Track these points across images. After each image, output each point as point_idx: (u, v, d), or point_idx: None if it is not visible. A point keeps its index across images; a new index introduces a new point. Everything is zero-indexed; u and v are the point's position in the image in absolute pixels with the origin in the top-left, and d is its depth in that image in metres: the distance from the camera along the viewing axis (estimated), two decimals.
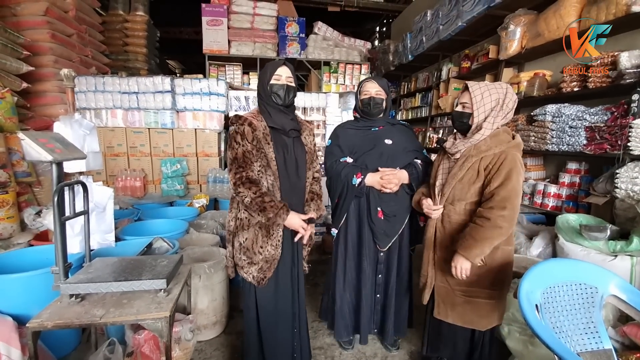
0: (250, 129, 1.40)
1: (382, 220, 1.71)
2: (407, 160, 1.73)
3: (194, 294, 1.89)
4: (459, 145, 1.49)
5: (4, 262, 1.81)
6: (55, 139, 1.41)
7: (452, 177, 1.48)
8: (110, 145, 3.68)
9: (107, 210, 2.00)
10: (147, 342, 1.49)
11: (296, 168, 1.48)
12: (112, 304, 1.33)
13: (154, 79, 3.66)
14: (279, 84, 1.44)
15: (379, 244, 1.74)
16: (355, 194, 1.70)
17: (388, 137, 1.74)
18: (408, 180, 1.69)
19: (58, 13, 3.54)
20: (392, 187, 1.65)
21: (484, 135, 1.44)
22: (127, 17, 5.42)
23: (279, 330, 1.51)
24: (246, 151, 1.38)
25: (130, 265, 1.50)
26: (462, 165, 1.45)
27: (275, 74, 1.44)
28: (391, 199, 1.70)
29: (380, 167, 1.67)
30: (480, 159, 1.42)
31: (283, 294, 1.51)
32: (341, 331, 1.85)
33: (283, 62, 1.49)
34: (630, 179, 2.14)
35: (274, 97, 1.45)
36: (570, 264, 1.34)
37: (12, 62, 2.94)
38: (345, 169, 1.71)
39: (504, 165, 1.37)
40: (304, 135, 1.56)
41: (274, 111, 1.47)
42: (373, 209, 1.70)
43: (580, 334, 1.18)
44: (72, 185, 1.45)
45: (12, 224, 2.54)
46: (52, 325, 1.21)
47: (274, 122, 1.45)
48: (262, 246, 1.42)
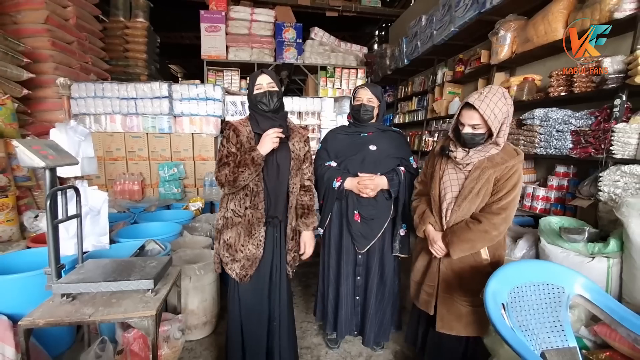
0: (234, 134, 1.51)
1: (359, 223, 1.78)
2: (389, 167, 1.78)
3: (184, 295, 1.95)
4: (473, 156, 1.44)
5: (2, 263, 1.88)
6: (49, 146, 1.48)
7: (471, 191, 1.43)
8: (109, 150, 3.76)
9: (101, 213, 2.07)
10: (136, 341, 1.55)
11: (277, 172, 1.54)
12: (101, 303, 1.39)
13: (152, 85, 3.74)
14: (261, 92, 1.52)
15: (357, 246, 1.81)
16: (336, 197, 1.77)
17: (374, 143, 1.80)
18: (387, 186, 1.74)
19: (58, 21, 3.64)
20: (368, 192, 1.71)
21: (499, 148, 1.43)
22: (127, 23, 5.53)
23: (256, 324, 1.58)
24: (229, 153, 1.49)
25: (121, 267, 1.57)
26: (478, 178, 1.42)
27: (256, 84, 1.52)
28: (369, 203, 1.76)
29: (361, 172, 1.73)
30: (494, 171, 1.41)
31: (261, 291, 1.57)
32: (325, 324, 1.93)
33: (261, 71, 1.56)
34: (613, 182, 2.18)
35: (260, 105, 1.53)
36: (537, 264, 1.39)
37: (12, 69, 3.03)
38: (328, 172, 1.79)
39: (512, 178, 1.40)
40: (293, 142, 1.61)
41: (261, 118, 1.54)
42: (350, 211, 1.78)
43: (547, 333, 1.23)
44: (65, 190, 1.51)
45: (11, 227, 2.61)
46: (43, 323, 1.27)
47: (259, 128, 1.52)
48: (243, 244, 1.50)
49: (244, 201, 1.50)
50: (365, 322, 1.87)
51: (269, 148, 1.45)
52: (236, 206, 1.51)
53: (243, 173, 1.43)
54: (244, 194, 1.50)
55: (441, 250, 1.48)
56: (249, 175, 1.44)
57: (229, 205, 1.54)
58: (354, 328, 1.93)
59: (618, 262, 1.77)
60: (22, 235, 2.67)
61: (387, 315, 1.90)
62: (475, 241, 1.38)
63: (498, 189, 1.40)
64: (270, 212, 1.53)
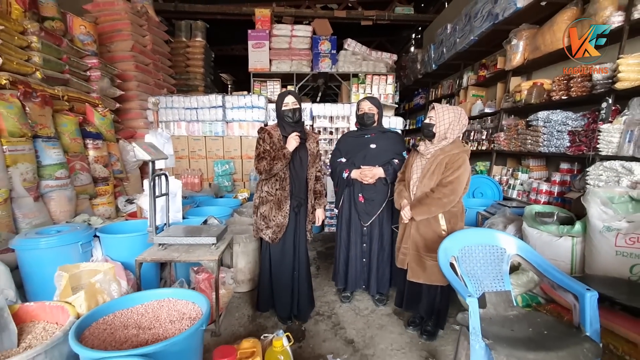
0: (268, 136, 2.10)
1: (363, 203, 2.35)
2: (385, 160, 2.32)
3: (235, 257, 2.62)
4: (430, 148, 2.02)
5: (113, 228, 2.67)
6: (150, 146, 2.21)
7: (427, 171, 1.98)
8: (176, 150, 4.63)
9: (177, 196, 2.81)
10: (203, 281, 2.22)
11: (300, 163, 2.14)
12: (183, 250, 2.09)
13: (209, 97, 4.57)
14: (287, 109, 2.10)
15: (362, 220, 2.37)
16: (346, 184, 2.36)
17: (374, 142, 2.36)
18: (384, 174, 2.29)
19: (140, 48, 4.58)
20: (368, 180, 2.29)
21: (448, 141, 1.98)
22: (188, 42, 6.51)
23: (283, 273, 2.17)
24: (265, 150, 2.07)
25: (194, 230, 2.26)
26: (432, 162, 1.98)
27: (284, 102, 2.10)
28: (370, 188, 2.33)
29: (364, 165, 2.30)
30: (444, 157, 1.96)
31: (287, 250, 2.16)
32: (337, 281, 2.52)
33: (288, 92, 2.14)
34: (597, 176, 2.47)
35: (286, 118, 2.12)
36: (484, 231, 1.82)
37: (109, 88, 3.96)
38: (339, 166, 2.39)
39: (457, 162, 1.92)
40: (309, 143, 2.20)
41: (287, 126, 2.13)
42: (356, 194, 2.37)
43: (491, 280, 1.67)
44: (160, 176, 2.23)
45: (110, 207, 3.50)
46: (150, 259, 1.98)
47: (286, 132, 2.11)
48: (274, 215, 2.09)
49: (274, 185, 2.10)
50: (370, 277, 2.43)
51: (294, 146, 2.04)
52: (270, 188, 2.11)
53: (277, 164, 2.02)
54: (275, 180, 2.09)
55: (407, 215, 1.99)
56: (280, 166, 2.03)
57: (264, 187, 2.14)
58: (363, 283, 2.48)
59: (581, 241, 2.12)
60: (117, 214, 3.55)
61: (386, 274, 2.43)
62: (430, 205, 1.89)
63: (447, 169, 1.92)
64: (295, 192, 2.12)
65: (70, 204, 2.92)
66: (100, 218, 2.96)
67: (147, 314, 1.42)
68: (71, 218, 2.88)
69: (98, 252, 2.47)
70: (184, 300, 1.50)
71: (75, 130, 3.14)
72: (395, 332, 2.18)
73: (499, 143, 3.87)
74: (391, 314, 2.39)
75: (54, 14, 3.48)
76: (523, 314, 1.56)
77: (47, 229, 2.42)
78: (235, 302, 2.55)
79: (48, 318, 1.41)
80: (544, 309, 1.84)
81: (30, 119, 2.67)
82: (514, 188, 3.62)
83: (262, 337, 1.70)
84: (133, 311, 1.42)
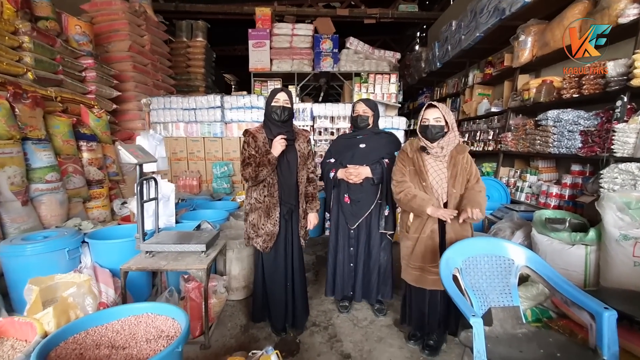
0: (252, 140, 1.96)
1: (349, 205, 2.25)
2: (374, 160, 2.20)
3: (228, 263, 2.51)
4: (445, 150, 1.82)
5: (103, 233, 2.59)
6: (138, 148, 2.12)
7: (454, 173, 1.80)
8: (174, 152, 4.56)
9: (170, 200, 2.71)
10: (193, 290, 2.12)
11: (288, 167, 2.00)
12: (171, 258, 1.98)
13: (208, 97, 4.48)
14: (277, 105, 1.96)
15: (348, 223, 2.26)
16: (333, 185, 2.29)
17: (364, 142, 2.26)
18: (371, 174, 2.16)
19: (138, 48, 4.51)
20: (353, 179, 2.18)
21: (457, 138, 1.86)
22: (189, 43, 6.44)
23: (276, 283, 2.05)
24: (250, 155, 1.94)
25: (184, 236, 2.16)
26: (455, 163, 1.82)
27: (275, 97, 1.96)
28: (357, 189, 2.22)
29: (350, 164, 2.20)
30: (455, 151, 1.85)
31: (280, 259, 2.04)
32: (326, 290, 2.41)
33: (282, 88, 2.00)
34: (612, 179, 2.32)
35: (273, 115, 1.97)
36: (490, 240, 1.68)
37: (106, 89, 3.89)
38: (327, 166, 2.31)
39: (470, 160, 1.86)
40: (298, 143, 2.06)
41: (273, 126, 1.99)
42: (342, 195, 2.28)
43: (498, 294, 1.54)
44: (148, 180, 2.14)
45: (105, 211, 3.42)
46: (135, 268, 1.88)
47: (271, 134, 1.97)
48: (263, 224, 1.97)
49: (262, 191, 1.97)
50: (356, 284, 2.32)
51: (280, 150, 1.90)
52: (258, 195, 1.98)
53: (262, 171, 1.89)
54: (263, 186, 1.96)
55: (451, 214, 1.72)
56: (266, 173, 1.90)
57: (252, 194, 2.01)
58: (350, 289, 2.35)
59: (595, 250, 1.97)
60: (112, 218, 3.47)
61: (373, 281, 2.29)
62: (482, 201, 1.72)
63: (465, 163, 1.84)
64: (284, 198, 1.99)
65: (61, 208, 2.84)
66: (92, 222, 2.88)
67: (122, 331, 1.31)
68: (63, 222, 2.80)
69: (87, 258, 2.38)
70: (164, 316, 1.39)
71: (68, 132, 3.06)
72: (395, 345, 2.06)
73: (506, 143, 3.71)
74: (391, 325, 2.26)
75: (49, 14, 3.42)
76: (533, 333, 1.42)
77: (35, 234, 2.34)
78: (229, 311, 2.44)
79: (18, 335, 1.32)
80: (556, 325, 1.70)
81: (20, 121, 2.60)
82: (522, 191, 3.47)
83: (250, 353, 1.60)
84: (108, 328, 1.32)
